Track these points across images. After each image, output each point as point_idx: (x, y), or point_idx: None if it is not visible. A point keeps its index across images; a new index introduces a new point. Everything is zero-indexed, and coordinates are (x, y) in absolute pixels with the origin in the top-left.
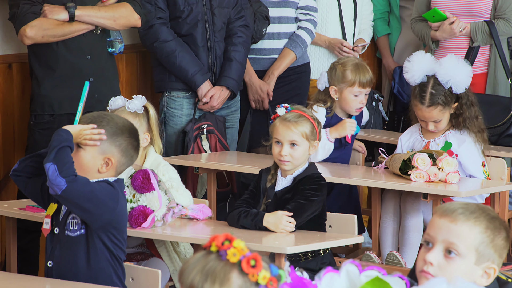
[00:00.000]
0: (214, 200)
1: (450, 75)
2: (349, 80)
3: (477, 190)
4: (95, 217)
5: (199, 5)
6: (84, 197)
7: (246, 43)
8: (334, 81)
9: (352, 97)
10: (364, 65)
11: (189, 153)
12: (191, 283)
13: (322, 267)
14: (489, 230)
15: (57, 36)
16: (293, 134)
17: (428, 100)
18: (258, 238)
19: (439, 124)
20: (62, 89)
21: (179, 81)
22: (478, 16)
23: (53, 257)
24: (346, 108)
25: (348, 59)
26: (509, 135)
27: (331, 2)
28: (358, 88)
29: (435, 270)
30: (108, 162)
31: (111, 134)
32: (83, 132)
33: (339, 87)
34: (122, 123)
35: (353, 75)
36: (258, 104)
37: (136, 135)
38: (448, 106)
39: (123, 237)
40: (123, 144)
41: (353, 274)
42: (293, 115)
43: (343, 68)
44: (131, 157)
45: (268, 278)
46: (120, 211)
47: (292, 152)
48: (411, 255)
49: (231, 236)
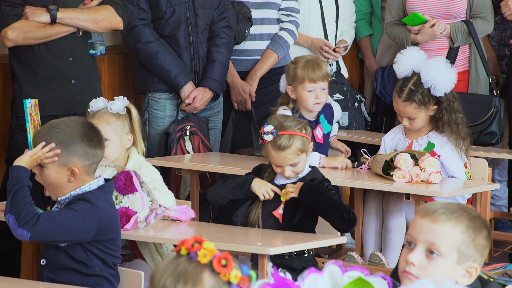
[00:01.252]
0: (197, 201)
1: (432, 76)
2: (299, 77)
3: (459, 190)
4: (76, 241)
5: (181, 6)
6: (54, 233)
7: (229, 44)
8: (289, 80)
9: (306, 93)
10: (315, 61)
11: (172, 154)
12: (163, 285)
13: (305, 266)
14: (470, 230)
15: (38, 38)
16: (290, 158)
17: (405, 95)
18: (241, 239)
19: (413, 122)
20: (44, 91)
21: (162, 82)
22: (455, 17)
23: (45, 255)
24: (304, 105)
25: (300, 57)
26: (490, 132)
27: (313, 4)
28: (310, 83)
29: (417, 271)
30: (74, 171)
31: (64, 144)
32: (35, 156)
33: (293, 86)
34: (71, 130)
35: (302, 72)
36: (241, 105)
37: (89, 133)
38: (424, 106)
39: (115, 244)
40: (79, 150)
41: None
42: (284, 140)
43: (294, 66)
44: (95, 155)
45: (240, 277)
46: (107, 222)
47: (294, 169)
48: (393, 255)
49: (200, 238)
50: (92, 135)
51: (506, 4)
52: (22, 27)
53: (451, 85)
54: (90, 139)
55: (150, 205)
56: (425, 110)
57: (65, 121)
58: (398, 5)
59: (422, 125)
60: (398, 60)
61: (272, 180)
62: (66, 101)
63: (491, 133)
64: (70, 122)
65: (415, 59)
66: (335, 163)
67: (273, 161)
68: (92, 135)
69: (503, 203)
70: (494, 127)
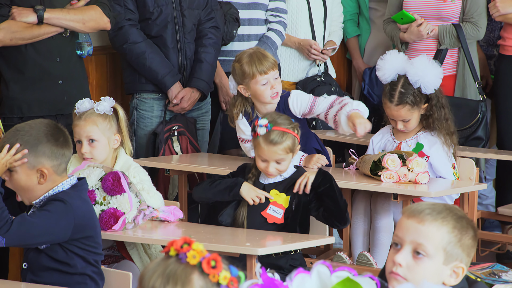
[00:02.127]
0: (186, 202)
1: (420, 75)
2: (248, 74)
3: (447, 191)
4: (53, 241)
5: (168, 7)
6: (30, 236)
7: (216, 45)
8: (238, 80)
9: (261, 87)
10: (258, 52)
11: (160, 155)
12: (152, 287)
13: (292, 264)
14: (457, 230)
15: (25, 38)
16: (279, 154)
17: (397, 99)
18: (229, 239)
19: (408, 124)
20: (31, 91)
21: (149, 83)
22: (447, 19)
23: (27, 259)
24: (262, 100)
25: (242, 53)
26: (476, 137)
27: (301, 4)
28: (261, 76)
29: (404, 271)
30: (43, 173)
31: (30, 146)
32: (3, 160)
33: (245, 84)
34: (36, 131)
35: (249, 67)
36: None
37: (55, 133)
38: (417, 106)
39: (95, 241)
40: (46, 150)
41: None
42: (277, 135)
43: (239, 64)
44: (63, 155)
45: (229, 278)
46: (82, 220)
47: (278, 167)
48: (382, 255)
49: (189, 239)
50: (58, 135)
51: (495, 5)
52: (9, 27)
53: (439, 81)
54: (56, 139)
55: (138, 206)
56: (418, 110)
57: (30, 124)
58: (396, 3)
59: (416, 126)
60: (380, 66)
61: (257, 179)
62: (53, 102)
63: (478, 138)
64: (35, 124)
65: (397, 62)
66: (309, 165)
67: (261, 154)
68: (58, 134)
69: (490, 202)
70: (480, 132)
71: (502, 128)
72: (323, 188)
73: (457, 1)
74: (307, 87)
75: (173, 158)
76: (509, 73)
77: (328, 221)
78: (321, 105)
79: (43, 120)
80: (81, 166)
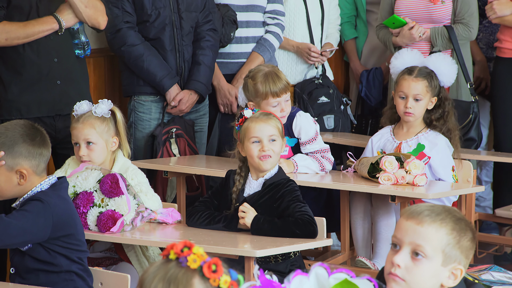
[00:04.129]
0: (184, 204)
1: (438, 65)
2: (261, 93)
3: (444, 193)
4: (33, 240)
5: (166, 9)
6: (8, 236)
7: (214, 47)
8: (250, 97)
9: (271, 108)
10: (274, 73)
11: (158, 157)
12: None
13: (292, 269)
14: (455, 232)
15: (21, 37)
16: (271, 128)
17: (417, 72)
18: (227, 241)
19: (417, 106)
20: (30, 93)
21: (147, 85)
22: (438, 21)
23: (13, 263)
24: None
25: (257, 70)
26: (469, 138)
27: (299, 7)
28: (273, 99)
29: (402, 273)
30: (22, 173)
31: (7, 147)
32: None
33: (256, 102)
34: (12, 132)
35: (263, 87)
36: (227, 108)
37: (31, 133)
38: (431, 90)
39: (76, 239)
40: (23, 151)
41: (322, 276)
42: (262, 113)
43: (253, 82)
44: (40, 154)
45: (230, 282)
46: (61, 218)
47: (273, 147)
48: (385, 249)
49: (190, 243)
50: (35, 135)
51: (491, 7)
52: (3, 27)
53: (453, 77)
54: (32, 139)
55: (136, 208)
56: (429, 97)
57: (6, 125)
58: (387, 7)
59: (420, 117)
60: (393, 62)
61: (243, 188)
62: (52, 102)
63: (470, 139)
64: (11, 125)
65: (409, 58)
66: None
67: (252, 134)
68: (35, 134)
69: (488, 204)
70: (473, 133)
71: (499, 130)
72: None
73: (448, 3)
74: (305, 89)
75: (171, 160)
76: (506, 75)
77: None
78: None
79: (19, 121)
80: (79, 168)
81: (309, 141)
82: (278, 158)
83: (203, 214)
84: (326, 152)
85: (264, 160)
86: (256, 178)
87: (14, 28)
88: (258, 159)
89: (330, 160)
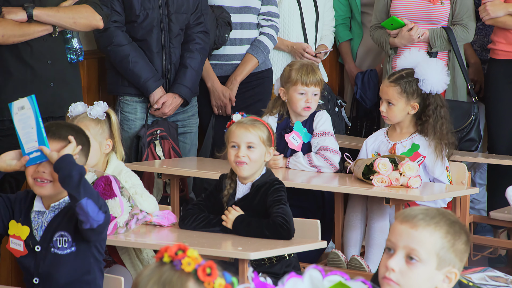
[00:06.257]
0: (178, 206)
1: (427, 71)
2: (292, 79)
3: (438, 195)
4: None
5: (155, 11)
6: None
7: (203, 50)
8: (282, 82)
9: (298, 96)
10: (311, 66)
11: (144, 158)
12: None
13: (286, 270)
14: (450, 235)
15: (17, 35)
16: (251, 135)
17: (394, 78)
18: (221, 244)
19: (390, 110)
20: (22, 94)
21: (132, 86)
22: (436, 22)
23: (38, 274)
24: (293, 108)
25: (298, 60)
26: (470, 139)
27: (293, 8)
28: (302, 86)
29: (397, 276)
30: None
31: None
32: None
33: (286, 88)
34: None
35: (295, 74)
36: (221, 110)
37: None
38: (405, 96)
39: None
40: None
41: (316, 279)
42: (249, 119)
43: (290, 68)
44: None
45: (224, 285)
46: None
47: (249, 154)
48: (376, 256)
49: (184, 246)
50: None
51: (485, 9)
52: (0, 24)
53: (441, 86)
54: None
55: (130, 210)
56: (405, 102)
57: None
58: (382, 8)
59: (398, 120)
60: (398, 61)
61: (233, 193)
62: (45, 104)
63: (471, 139)
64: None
65: (412, 58)
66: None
67: (232, 139)
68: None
69: (482, 206)
70: (473, 133)
71: (493, 132)
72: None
73: (446, 4)
74: None
75: (164, 162)
76: (499, 77)
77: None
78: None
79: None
80: None
81: (321, 134)
82: (258, 165)
83: (198, 217)
84: (333, 153)
85: (239, 166)
86: (244, 183)
87: (11, 26)
88: (235, 164)
89: (333, 164)
